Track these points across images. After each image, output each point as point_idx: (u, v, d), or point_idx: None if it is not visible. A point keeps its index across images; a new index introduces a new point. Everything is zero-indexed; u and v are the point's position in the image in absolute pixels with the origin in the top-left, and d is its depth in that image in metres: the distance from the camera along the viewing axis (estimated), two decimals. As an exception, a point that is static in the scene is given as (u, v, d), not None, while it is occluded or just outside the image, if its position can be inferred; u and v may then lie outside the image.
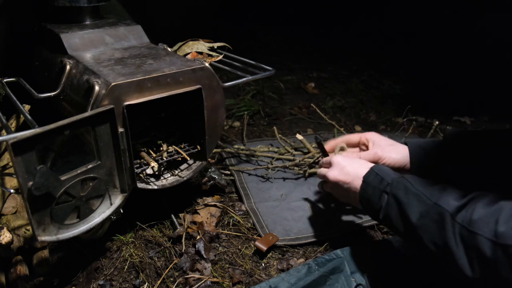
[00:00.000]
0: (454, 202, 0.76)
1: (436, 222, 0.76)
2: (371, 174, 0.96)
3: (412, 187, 0.85)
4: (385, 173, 0.94)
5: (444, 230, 0.74)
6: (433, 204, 0.79)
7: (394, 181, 0.89)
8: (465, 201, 0.75)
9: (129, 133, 0.98)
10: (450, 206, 0.75)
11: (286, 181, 1.53)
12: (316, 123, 2.09)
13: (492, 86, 2.49)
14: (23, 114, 0.92)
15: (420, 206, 0.81)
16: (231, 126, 2.00)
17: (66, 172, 0.88)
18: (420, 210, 0.80)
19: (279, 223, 1.29)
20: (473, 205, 0.73)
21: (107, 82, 0.94)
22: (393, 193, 0.88)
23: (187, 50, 1.31)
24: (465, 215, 0.72)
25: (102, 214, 1.00)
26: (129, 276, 1.11)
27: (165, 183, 1.18)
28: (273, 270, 1.13)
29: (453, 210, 0.74)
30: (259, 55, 2.96)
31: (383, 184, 0.91)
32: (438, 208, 0.77)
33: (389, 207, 0.88)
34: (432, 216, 0.77)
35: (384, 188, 0.90)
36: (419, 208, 0.81)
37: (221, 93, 1.17)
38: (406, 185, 0.87)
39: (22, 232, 1.08)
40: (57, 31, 1.18)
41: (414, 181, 0.87)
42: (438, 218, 0.76)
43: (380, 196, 0.91)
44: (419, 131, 2.06)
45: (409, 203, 0.83)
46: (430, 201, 0.80)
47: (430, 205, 0.79)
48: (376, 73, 2.84)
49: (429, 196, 0.81)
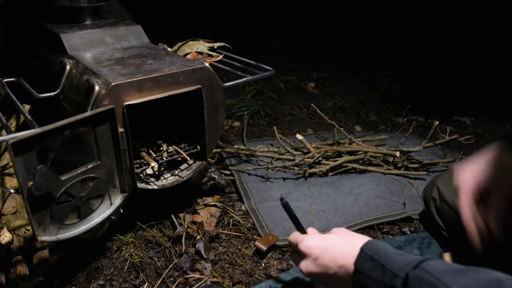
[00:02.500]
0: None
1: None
2: (364, 259, 0.70)
3: (444, 285, 0.58)
4: (385, 256, 0.68)
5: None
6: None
7: (410, 276, 0.62)
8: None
9: (129, 133, 0.98)
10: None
11: (286, 181, 1.53)
12: (316, 123, 2.09)
13: (492, 86, 2.49)
14: (23, 114, 0.92)
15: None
16: (231, 126, 2.00)
17: (66, 172, 0.88)
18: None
19: (279, 223, 1.29)
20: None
21: (107, 82, 0.94)
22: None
23: (187, 50, 1.31)
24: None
25: (102, 214, 1.00)
26: (129, 276, 1.11)
27: (165, 183, 1.18)
28: (273, 270, 1.13)
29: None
30: (259, 55, 2.96)
31: (387, 277, 0.65)
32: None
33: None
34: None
35: (391, 284, 0.64)
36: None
37: (221, 93, 1.17)
38: (433, 283, 0.59)
39: (22, 232, 1.08)
40: (57, 31, 1.18)
41: (442, 273, 0.59)
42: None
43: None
44: (419, 131, 2.06)
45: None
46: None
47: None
48: (376, 73, 2.84)
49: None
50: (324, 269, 0.76)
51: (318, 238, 0.80)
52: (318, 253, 0.77)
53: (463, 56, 2.69)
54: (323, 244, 0.78)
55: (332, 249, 0.76)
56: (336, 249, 0.75)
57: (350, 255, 0.72)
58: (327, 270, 0.75)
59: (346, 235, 0.78)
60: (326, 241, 0.78)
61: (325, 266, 0.75)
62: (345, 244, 0.75)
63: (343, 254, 0.73)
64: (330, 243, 0.77)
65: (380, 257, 0.68)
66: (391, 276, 0.64)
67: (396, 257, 0.67)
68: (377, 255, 0.68)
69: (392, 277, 0.64)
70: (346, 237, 0.77)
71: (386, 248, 0.71)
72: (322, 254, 0.76)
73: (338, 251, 0.74)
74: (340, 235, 0.79)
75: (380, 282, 0.65)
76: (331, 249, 0.76)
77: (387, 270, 0.65)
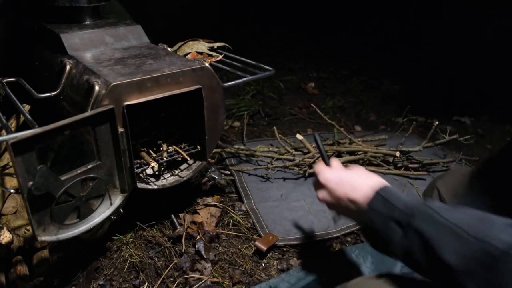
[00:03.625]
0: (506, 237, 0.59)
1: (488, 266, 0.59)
2: (377, 200, 0.78)
3: (441, 217, 0.67)
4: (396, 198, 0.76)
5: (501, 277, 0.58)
6: (475, 239, 0.62)
7: (415, 210, 0.71)
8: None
9: (129, 133, 0.98)
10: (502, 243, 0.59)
11: (286, 181, 1.53)
12: (316, 123, 2.09)
13: (492, 86, 2.49)
14: (23, 114, 0.92)
15: (458, 244, 0.64)
16: (231, 126, 2.00)
17: (66, 172, 0.88)
18: (461, 250, 0.63)
19: (279, 223, 1.29)
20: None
21: (107, 82, 0.94)
22: (416, 227, 0.69)
23: (187, 50, 1.31)
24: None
25: (102, 214, 1.00)
26: (129, 276, 1.11)
27: (165, 183, 1.18)
28: (273, 270, 1.13)
29: (506, 247, 0.58)
30: (259, 55, 2.96)
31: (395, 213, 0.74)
32: (484, 245, 0.60)
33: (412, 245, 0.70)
34: (480, 258, 0.60)
35: (398, 218, 0.73)
36: (458, 246, 0.64)
37: (221, 93, 1.17)
38: (432, 215, 0.68)
39: (22, 232, 1.08)
40: (57, 31, 1.18)
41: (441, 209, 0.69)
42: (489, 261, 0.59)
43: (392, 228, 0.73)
44: (419, 131, 2.06)
45: (441, 240, 0.66)
46: (470, 237, 0.62)
47: (472, 242, 0.62)
48: (376, 73, 2.84)
49: (468, 230, 0.63)
50: (337, 200, 0.86)
51: (335, 172, 0.90)
52: (333, 185, 0.87)
53: (463, 56, 2.69)
54: (338, 179, 0.87)
55: (346, 184, 0.85)
56: (349, 185, 0.84)
57: (362, 193, 0.81)
58: (339, 202, 0.86)
59: (362, 173, 0.87)
60: (342, 176, 0.87)
61: (338, 198, 0.85)
62: (359, 181, 0.83)
63: (355, 191, 0.82)
64: (345, 179, 0.86)
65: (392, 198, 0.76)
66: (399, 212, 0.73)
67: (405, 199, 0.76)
68: (390, 197, 0.77)
69: (400, 213, 0.73)
70: (362, 175, 0.86)
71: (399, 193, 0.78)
72: (336, 187, 0.86)
73: (351, 187, 0.84)
74: (356, 172, 0.87)
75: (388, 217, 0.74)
76: (345, 184, 0.85)
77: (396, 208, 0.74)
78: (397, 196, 0.77)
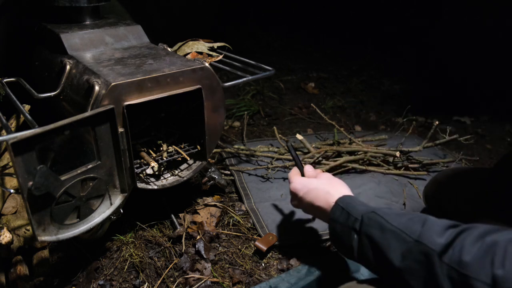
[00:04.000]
0: (438, 238, 0.66)
1: (422, 263, 0.67)
2: (337, 209, 0.88)
3: (387, 223, 0.76)
4: (352, 207, 0.85)
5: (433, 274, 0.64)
6: (414, 241, 0.69)
7: (365, 217, 0.80)
8: (451, 238, 0.65)
9: (129, 133, 0.98)
10: (435, 244, 0.66)
11: (286, 181, 1.53)
12: (316, 123, 2.09)
13: (492, 86, 2.49)
14: (23, 114, 0.92)
15: (400, 245, 0.72)
16: (231, 126, 2.00)
17: (66, 172, 0.88)
18: (401, 250, 0.71)
19: (279, 223, 1.29)
20: (460, 242, 0.63)
21: (107, 82, 0.94)
22: (366, 232, 0.79)
23: (187, 50, 1.31)
24: (453, 255, 0.63)
25: (102, 214, 1.00)
26: (129, 276, 1.11)
27: (165, 183, 1.18)
28: (273, 270, 1.13)
29: (439, 248, 0.65)
30: (259, 55, 2.96)
31: (351, 220, 0.83)
32: (420, 246, 0.68)
33: (364, 248, 0.79)
34: (416, 257, 0.68)
35: (353, 225, 0.82)
36: (400, 248, 0.71)
37: (221, 93, 1.17)
38: (379, 221, 0.77)
39: (22, 232, 1.08)
40: (57, 31, 1.18)
41: (388, 215, 0.77)
42: (424, 259, 0.67)
43: (349, 234, 0.82)
44: (419, 131, 2.06)
45: (386, 243, 0.74)
46: (410, 238, 0.70)
47: (411, 242, 0.70)
48: (376, 73, 2.84)
49: (408, 233, 0.71)
50: (306, 206, 0.99)
51: (303, 183, 1.01)
52: (301, 194, 1.00)
53: (463, 56, 2.69)
54: (304, 188, 0.99)
55: (311, 193, 0.97)
56: (314, 194, 0.96)
57: (325, 200, 0.93)
58: (308, 208, 0.99)
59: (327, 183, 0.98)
60: (309, 186, 0.99)
61: (306, 204, 0.98)
62: (322, 190, 0.95)
63: (319, 199, 0.94)
64: (311, 188, 0.98)
65: (349, 207, 0.86)
66: (353, 220, 0.83)
67: (360, 207, 0.85)
68: (347, 207, 0.86)
69: (354, 220, 0.83)
70: (326, 185, 0.97)
71: (356, 201, 0.88)
72: (304, 196, 0.99)
73: (315, 196, 0.96)
74: (321, 182, 0.99)
75: (345, 225, 0.84)
76: (310, 193, 0.97)
77: (351, 216, 0.84)
78: (353, 205, 0.86)
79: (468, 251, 0.61)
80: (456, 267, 0.61)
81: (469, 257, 0.60)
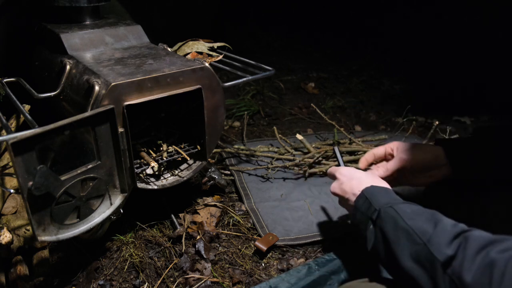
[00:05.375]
0: (445, 248, 0.68)
1: (427, 270, 0.70)
2: (361, 197, 0.91)
3: (402, 221, 0.77)
4: (375, 198, 0.87)
5: (436, 283, 0.68)
6: (423, 244, 0.71)
7: (382, 211, 0.82)
8: (455, 250, 0.67)
9: (129, 133, 0.98)
10: (441, 254, 0.68)
11: (286, 181, 1.53)
12: (316, 123, 2.09)
13: (492, 86, 2.49)
14: (23, 114, 0.92)
15: (410, 245, 0.74)
16: (231, 126, 2.00)
17: (66, 172, 0.88)
18: (410, 251, 0.73)
19: (279, 223, 1.29)
20: (462, 254, 0.66)
21: (107, 82, 0.94)
22: (380, 226, 0.81)
23: (187, 50, 1.31)
24: (454, 270, 0.65)
25: (102, 214, 1.00)
26: (129, 276, 1.11)
27: (165, 183, 1.18)
28: (273, 270, 1.13)
29: (444, 259, 0.67)
30: (259, 55, 2.96)
31: (370, 211, 0.85)
32: (428, 252, 0.70)
33: (377, 242, 0.82)
34: (423, 261, 0.71)
35: (371, 215, 0.84)
36: (409, 248, 0.74)
37: (221, 93, 1.17)
38: (395, 217, 0.79)
39: (22, 232, 1.08)
40: (57, 31, 1.18)
41: (404, 212, 0.79)
42: (429, 266, 0.70)
43: (367, 224, 0.85)
44: (419, 131, 2.06)
45: (398, 241, 0.76)
46: (420, 240, 0.72)
47: (421, 245, 0.72)
48: (376, 73, 2.84)
49: (420, 234, 0.73)
50: (344, 193, 0.99)
51: (349, 170, 1.03)
52: (345, 179, 1.01)
53: (463, 56, 2.69)
54: (350, 175, 1.01)
55: (354, 180, 0.98)
56: (356, 181, 0.97)
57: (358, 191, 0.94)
58: (344, 194, 0.99)
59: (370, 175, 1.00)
60: (354, 174, 1.01)
61: (345, 191, 0.99)
62: (364, 180, 0.96)
63: (359, 187, 0.94)
64: (356, 176, 0.99)
65: (372, 198, 0.87)
66: (372, 210, 0.84)
67: (382, 199, 0.86)
68: (371, 197, 0.88)
69: (373, 211, 0.84)
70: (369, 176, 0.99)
71: (384, 192, 0.89)
72: (346, 182, 1.00)
73: (357, 184, 0.96)
74: (365, 174, 1.01)
75: (365, 214, 0.86)
76: (353, 180, 0.98)
77: (372, 206, 0.85)
78: (377, 196, 0.88)
79: (469, 269, 0.63)
80: (457, 282, 0.64)
81: (469, 276, 0.63)
